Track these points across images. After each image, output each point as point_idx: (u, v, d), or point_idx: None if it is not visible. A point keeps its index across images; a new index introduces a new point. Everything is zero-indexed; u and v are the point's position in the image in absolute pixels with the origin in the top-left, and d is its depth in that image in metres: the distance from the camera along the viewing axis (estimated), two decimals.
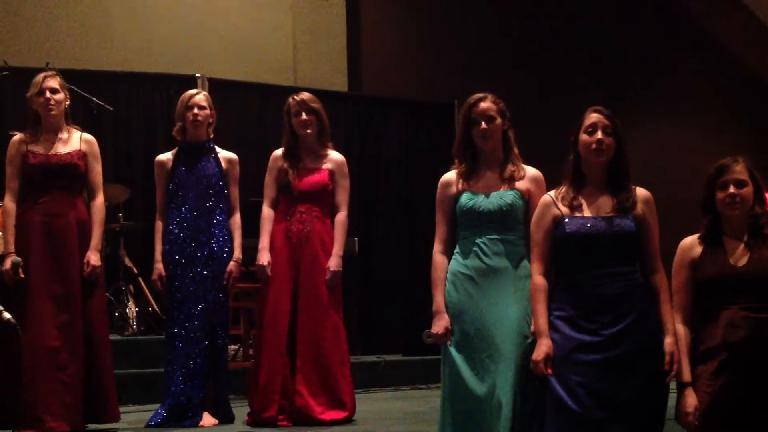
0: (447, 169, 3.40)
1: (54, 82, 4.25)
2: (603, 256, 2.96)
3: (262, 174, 6.75)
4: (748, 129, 9.82)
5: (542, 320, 2.99)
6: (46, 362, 4.03)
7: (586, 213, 3.02)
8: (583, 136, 3.04)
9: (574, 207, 3.03)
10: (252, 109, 7.67)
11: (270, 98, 7.71)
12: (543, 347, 2.94)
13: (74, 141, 4.30)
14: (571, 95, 8.18)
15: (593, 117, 3.04)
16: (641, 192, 3.07)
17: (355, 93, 8.46)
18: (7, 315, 2.82)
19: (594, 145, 3.01)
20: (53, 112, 4.24)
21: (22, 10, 7.59)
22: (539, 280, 3.03)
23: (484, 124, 3.26)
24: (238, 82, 7.65)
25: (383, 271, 7.80)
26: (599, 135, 3.01)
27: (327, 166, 4.54)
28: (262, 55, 8.28)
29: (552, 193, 3.10)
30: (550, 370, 2.92)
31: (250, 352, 6.02)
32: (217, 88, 7.07)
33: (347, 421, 4.38)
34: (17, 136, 4.29)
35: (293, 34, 8.46)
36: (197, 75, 7.29)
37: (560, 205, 3.05)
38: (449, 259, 3.31)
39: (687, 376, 2.99)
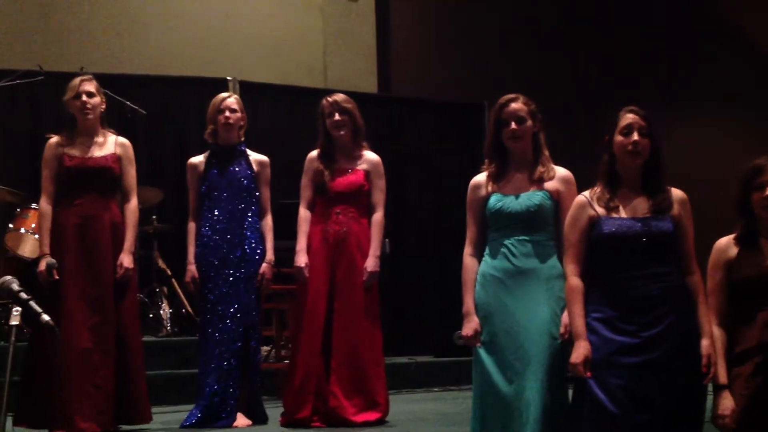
0: (477, 171, 3.40)
1: (90, 86, 4.30)
2: (641, 257, 2.93)
3: (294, 176, 6.78)
4: None
5: (579, 322, 2.96)
6: (78, 363, 4.06)
7: (623, 214, 3.00)
8: (619, 138, 3.01)
9: (610, 208, 3.01)
10: (283, 112, 7.70)
11: (300, 100, 7.74)
12: (581, 349, 2.92)
13: (109, 144, 4.35)
14: (601, 95, 8.14)
15: (629, 118, 3.01)
16: (677, 193, 3.05)
17: (384, 94, 8.47)
18: (45, 317, 2.85)
19: (630, 147, 2.98)
20: (89, 116, 4.29)
21: (57, 16, 7.69)
22: (575, 281, 3.01)
23: (513, 125, 3.25)
24: (269, 84, 7.68)
25: (414, 272, 7.79)
26: (635, 136, 2.98)
27: (362, 166, 4.55)
28: (293, 58, 8.32)
29: (587, 193, 3.08)
30: (589, 373, 2.90)
31: (282, 353, 6.05)
32: (248, 90, 7.11)
33: (380, 422, 4.39)
34: (54, 139, 4.35)
35: (323, 36, 8.49)
36: (228, 78, 7.34)
37: (596, 206, 3.03)
38: (479, 261, 3.31)
39: (723, 378, 2.96)
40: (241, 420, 4.43)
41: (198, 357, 4.60)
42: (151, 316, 6.30)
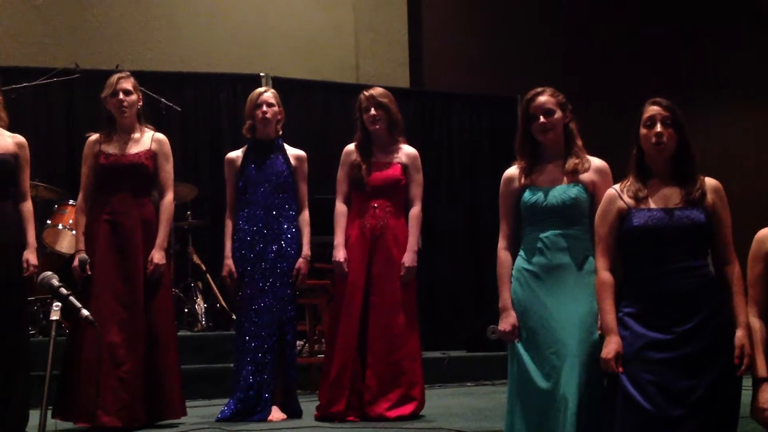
0: (510, 164, 3.38)
1: (127, 84, 4.33)
2: (672, 249, 2.90)
3: (327, 171, 6.81)
4: None
5: (610, 317, 2.94)
6: (104, 358, 4.05)
7: (653, 205, 2.97)
8: (642, 130, 2.99)
9: (639, 199, 2.98)
10: (315, 107, 7.74)
11: (333, 96, 7.78)
12: (613, 345, 2.90)
13: (146, 141, 4.37)
14: (637, 85, 8.05)
15: (651, 110, 2.99)
16: (710, 182, 3.01)
17: (417, 89, 8.47)
18: (85, 312, 2.89)
19: (653, 138, 2.96)
20: (126, 113, 4.33)
21: (92, 14, 7.79)
22: (605, 275, 2.99)
23: (542, 118, 3.23)
24: (302, 80, 7.72)
25: (447, 266, 7.79)
26: (658, 128, 2.96)
27: (399, 160, 4.54)
28: (325, 53, 8.35)
29: (617, 186, 3.06)
30: (620, 368, 2.88)
31: (316, 347, 6.08)
32: (281, 86, 7.08)
33: (414, 416, 4.38)
34: (93, 137, 4.38)
35: (355, 31, 8.50)
36: (261, 74, 7.39)
37: (625, 198, 3.00)
38: (514, 255, 3.30)
39: (763, 371, 2.91)
40: (276, 414, 4.45)
41: (233, 351, 4.63)
42: (186, 310, 6.37)
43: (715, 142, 8.53)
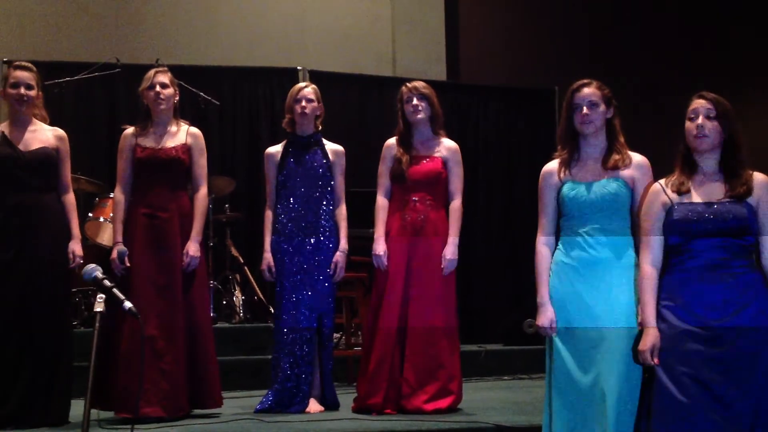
0: (547, 157, 3.37)
1: (164, 78, 4.38)
2: (713, 244, 2.88)
3: (363, 165, 6.84)
4: None
5: (650, 309, 2.94)
6: (144, 350, 4.10)
7: (696, 200, 2.95)
8: (686, 123, 2.99)
9: (683, 194, 2.96)
10: (352, 101, 7.75)
11: (370, 89, 7.78)
12: (650, 337, 2.90)
13: (181, 135, 4.41)
14: (680, 77, 7.94)
15: (696, 103, 2.99)
16: (759, 177, 2.98)
17: (453, 82, 8.44)
18: (128, 304, 2.94)
19: (695, 131, 2.94)
20: (162, 107, 4.37)
21: (133, 9, 7.88)
22: (648, 269, 2.98)
23: (585, 110, 3.22)
24: (339, 74, 7.73)
25: (483, 260, 7.77)
26: (700, 120, 2.95)
27: (440, 153, 4.54)
28: (362, 47, 8.35)
29: (662, 181, 3.05)
30: (656, 360, 2.87)
31: (353, 340, 6.11)
32: (318, 80, 7.12)
33: (452, 410, 4.38)
34: (129, 130, 4.44)
35: (392, 24, 8.50)
36: (299, 68, 7.42)
37: (669, 192, 2.99)
38: (553, 249, 3.29)
39: None
40: (314, 406, 4.48)
41: (272, 343, 4.67)
42: (224, 303, 6.42)
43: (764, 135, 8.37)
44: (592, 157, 3.27)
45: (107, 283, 3.00)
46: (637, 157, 3.27)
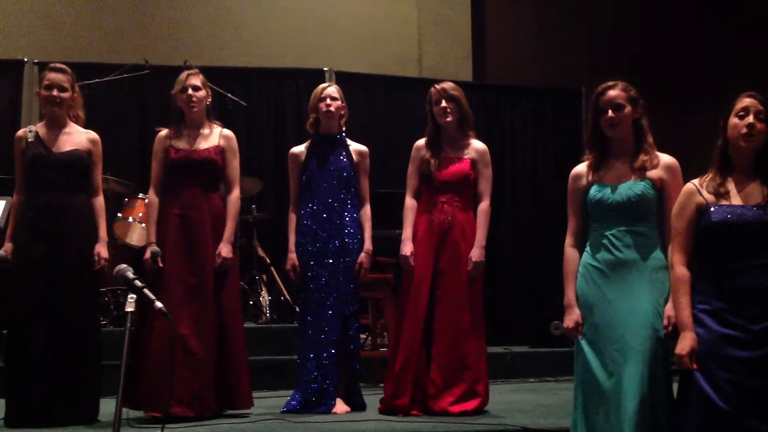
0: (574, 157, 3.36)
1: (196, 80, 4.42)
2: (752, 246, 2.85)
3: (389, 165, 6.85)
4: None
5: (686, 313, 2.90)
6: (176, 349, 4.13)
7: (734, 201, 2.92)
8: (734, 120, 2.93)
9: (720, 195, 2.93)
10: (378, 101, 7.76)
11: (396, 90, 7.79)
12: (688, 341, 2.86)
13: (214, 137, 4.46)
14: (708, 78, 7.86)
15: (746, 101, 2.94)
16: None
17: (480, 82, 8.43)
18: (159, 304, 2.96)
19: (744, 129, 2.90)
20: (195, 109, 4.42)
21: (161, 11, 7.96)
22: (682, 271, 2.94)
23: (611, 113, 3.20)
24: (364, 74, 7.74)
25: (509, 261, 7.74)
26: (750, 119, 2.90)
27: (469, 155, 4.53)
28: (388, 47, 8.37)
29: (696, 181, 3.01)
30: (695, 365, 2.84)
31: (378, 341, 6.11)
32: (344, 81, 7.18)
33: (478, 412, 4.38)
34: (163, 132, 4.48)
35: (418, 25, 8.50)
36: (324, 69, 7.44)
37: (705, 193, 2.95)
38: (581, 251, 3.28)
39: None
40: (340, 406, 4.49)
41: (298, 344, 4.69)
42: (251, 303, 6.45)
43: None
44: (620, 159, 3.25)
45: (138, 283, 3.03)
46: (665, 158, 3.24)
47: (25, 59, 6.98)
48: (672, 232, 3.02)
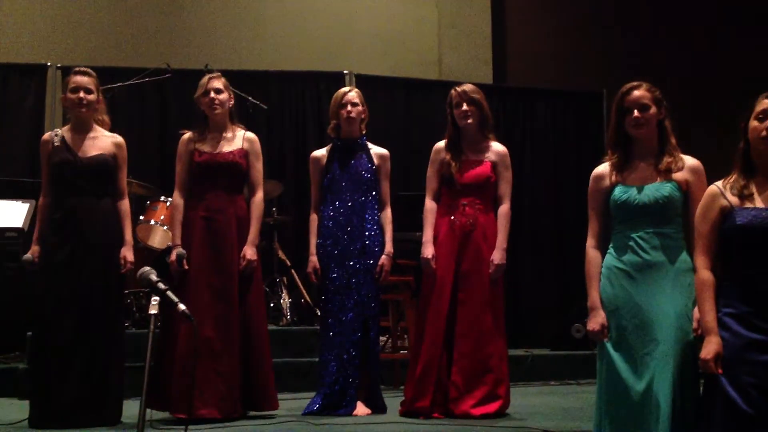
0: (595, 159, 3.34)
1: (218, 83, 4.45)
2: None
3: (410, 168, 6.85)
4: None
5: (710, 317, 2.87)
6: (201, 351, 4.17)
7: (758, 204, 2.89)
8: (753, 123, 2.90)
9: (744, 197, 2.90)
10: (398, 104, 7.76)
11: (416, 92, 7.79)
12: (713, 345, 2.83)
13: (238, 139, 4.48)
14: (733, 79, 7.80)
15: (765, 103, 2.90)
16: None
17: (500, 85, 8.41)
18: (182, 307, 2.98)
19: (764, 132, 2.87)
20: (218, 112, 4.44)
21: (182, 16, 8.01)
22: (706, 274, 2.92)
23: (636, 113, 3.18)
24: (385, 77, 7.74)
25: (530, 263, 7.72)
26: None
27: (489, 157, 4.53)
28: (408, 50, 8.37)
29: (719, 183, 2.98)
30: (720, 370, 2.81)
31: (399, 343, 6.11)
32: (364, 83, 7.19)
33: (500, 415, 4.37)
34: (186, 135, 4.50)
35: (438, 28, 8.50)
36: (345, 72, 7.46)
37: (729, 196, 2.92)
38: (603, 253, 3.26)
39: None
40: (361, 409, 4.50)
41: (319, 346, 4.70)
42: (272, 305, 6.47)
43: None
44: (644, 160, 3.23)
45: (162, 285, 3.05)
46: (690, 160, 3.22)
47: (49, 63, 7.04)
48: (695, 234, 2.99)
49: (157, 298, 3.01)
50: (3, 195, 5.93)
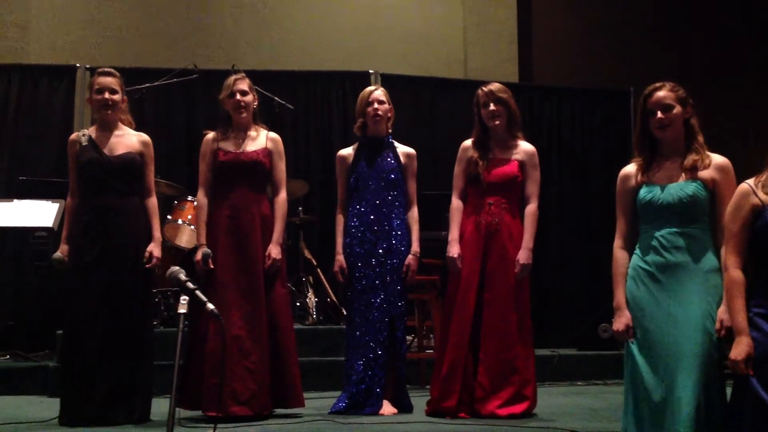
0: (623, 158, 3.32)
1: (244, 85, 4.48)
2: None
3: (435, 167, 6.83)
4: None
5: (741, 317, 2.85)
6: (231, 350, 4.20)
7: None
8: None
9: None
10: (423, 103, 7.75)
11: (441, 91, 7.77)
12: (743, 346, 2.81)
13: (261, 139, 4.51)
14: (759, 76, 7.72)
15: None
16: None
17: (526, 83, 8.37)
18: (210, 306, 3.00)
19: None
20: (243, 113, 4.47)
21: (209, 17, 8.07)
22: (736, 274, 2.89)
23: (660, 114, 3.17)
24: (410, 76, 7.74)
25: (557, 263, 7.69)
26: None
27: (517, 156, 4.51)
28: (433, 49, 8.37)
29: (751, 181, 2.95)
30: (751, 371, 2.78)
31: (424, 342, 6.11)
32: (389, 83, 7.17)
33: (526, 414, 4.36)
34: (210, 135, 4.54)
35: (464, 27, 8.48)
36: (370, 71, 7.47)
37: (760, 194, 2.89)
38: (630, 253, 3.24)
39: None
40: (387, 408, 4.51)
41: (345, 345, 4.71)
42: (298, 304, 6.49)
43: None
44: (670, 159, 3.21)
45: (190, 285, 3.07)
46: (717, 158, 3.19)
47: (78, 65, 7.12)
48: (726, 234, 2.97)
49: (186, 297, 3.04)
50: (33, 195, 6.01)
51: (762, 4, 8.70)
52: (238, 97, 4.44)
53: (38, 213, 5.88)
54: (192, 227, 6.02)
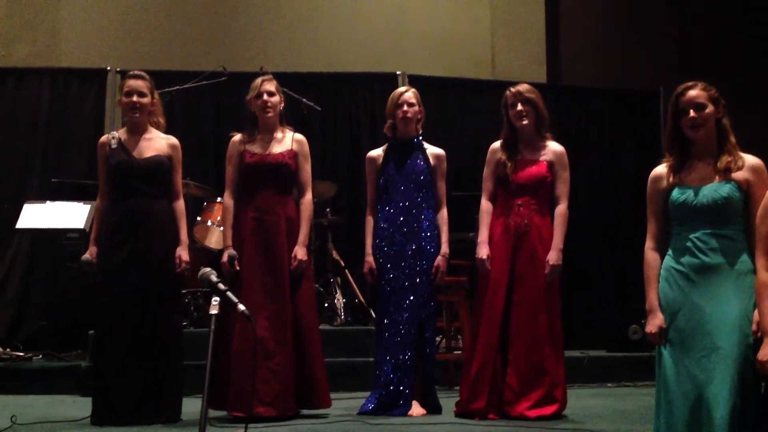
0: (653, 159, 3.29)
1: (270, 86, 4.51)
2: None
3: (464, 168, 6.82)
4: None
5: None
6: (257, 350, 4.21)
7: None
8: None
9: None
10: (452, 105, 7.74)
11: (469, 93, 7.76)
12: None
13: (287, 141, 4.53)
14: None
15: None
16: None
17: (554, 84, 8.33)
18: (241, 307, 3.02)
19: None
20: (269, 114, 4.50)
21: (238, 20, 8.12)
22: (766, 276, 2.86)
23: (692, 113, 3.13)
24: (438, 78, 7.73)
25: (586, 264, 7.64)
26: None
27: (546, 157, 4.50)
28: (461, 50, 8.35)
29: None
30: None
31: (453, 344, 6.11)
32: (417, 84, 7.14)
33: (556, 416, 4.34)
34: (237, 137, 4.57)
35: (491, 27, 8.46)
36: (398, 73, 7.47)
37: None
38: (662, 255, 3.21)
39: None
40: (416, 409, 4.51)
41: (374, 346, 4.72)
42: (326, 305, 6.52)
43: None
44: (702, 160, 3.18)
45: (222, 286, 3.09)
46: (751, 159, 3.15)
47: (109, 68, 7.20)
48: (756, 235, 2.94)
49: (218, 298, 3.06)
50: (65, 197, 6.09)
51: None
52: (265, 97, 4.47)
53: (70, 215, 5.96)
54: (221, 228, 6.05)
